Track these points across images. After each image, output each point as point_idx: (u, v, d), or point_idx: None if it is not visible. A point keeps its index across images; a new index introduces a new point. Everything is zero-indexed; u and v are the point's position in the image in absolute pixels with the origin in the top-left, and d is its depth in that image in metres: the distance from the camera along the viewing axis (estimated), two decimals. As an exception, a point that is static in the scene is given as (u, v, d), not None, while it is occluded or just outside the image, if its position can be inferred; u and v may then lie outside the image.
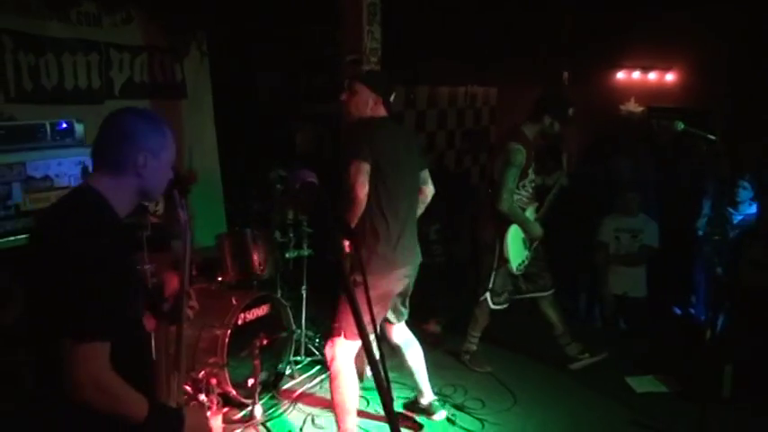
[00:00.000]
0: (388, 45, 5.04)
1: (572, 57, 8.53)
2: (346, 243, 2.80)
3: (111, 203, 2.07)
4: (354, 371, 3.98)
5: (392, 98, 3.93)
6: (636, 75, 8.42)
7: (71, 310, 1.88)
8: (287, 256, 5.41)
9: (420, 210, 4.18)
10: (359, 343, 3.80)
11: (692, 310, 6.40)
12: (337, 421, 3.98)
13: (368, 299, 1.84)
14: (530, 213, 5.13)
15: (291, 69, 7.79)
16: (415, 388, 4.55)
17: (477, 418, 4.60)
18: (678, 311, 6.50)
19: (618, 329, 6.26)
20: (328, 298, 5.45)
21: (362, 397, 4.88)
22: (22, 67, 4.71)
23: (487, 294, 5.17)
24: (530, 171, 5.00)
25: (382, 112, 3.86)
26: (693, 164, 6.96)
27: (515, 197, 4.93)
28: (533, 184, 5.13)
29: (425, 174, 4.13)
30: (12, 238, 3.10)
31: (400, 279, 3.97)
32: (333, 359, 3.93)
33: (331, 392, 3.99)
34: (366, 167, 3.63)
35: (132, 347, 2.09)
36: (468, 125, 9.41)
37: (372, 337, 1.68)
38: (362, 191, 3.63)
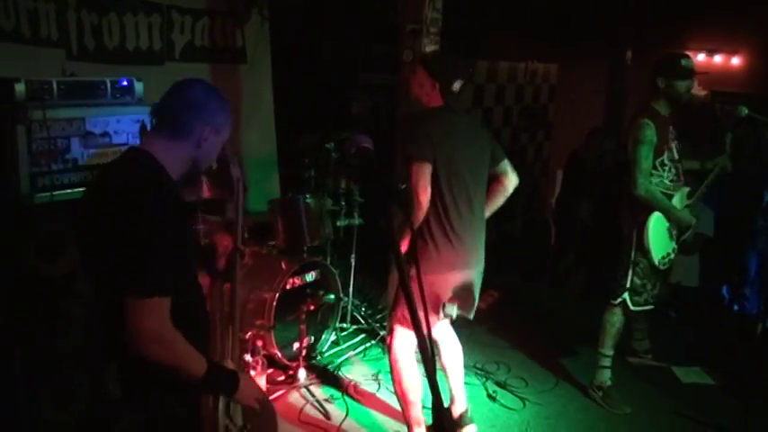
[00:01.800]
0: (450, 16, 4.97)
1: (636, 36, 8.33)
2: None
3: (165, 166, 2.11)
4: (414, 360, 3.79)
5: (456, 86, 3.63)
6: (701, 57, 8.18)
7: (132, 266, 1.93)
8: (338, 224, 5.44)
9: (500, 201, 3.94)
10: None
11: (745, 303, 6.25)
12: (402, 410, 3.84)
13: (421, 291, 1.78)
14: (678, 199, 4.45)
15: (351, 37, 7.76)
16: (448, 394, 4.15)
17: (519, 397, 4.58)
18: (726, 295, 6.33)
19: (667, 318, 6.14)
20: (377, 268, 5.53)
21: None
22: (85, 25, 4.78)
23: (626, 295, 4.48)
24: (667, 149, 4.34)
25: (437, 100, 3.61)
26: (755, 151, 6.74)
27: (654, 179, 4.32)
28: (678, 165, 4.45)
29: (504, 164, 3.84)
30: (69, 191, 3.16)
31: (457, 283, 3.70)
32: (391, 349, 3.82)
33: (393, 383, 3.87)
34: (427, 168, 3.43)
35: (189, 305, 2.13)
36: (526, 102, 9.28)
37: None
38: (425, 195, 3.43)
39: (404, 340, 3.76)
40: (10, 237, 3.10)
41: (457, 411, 4.10)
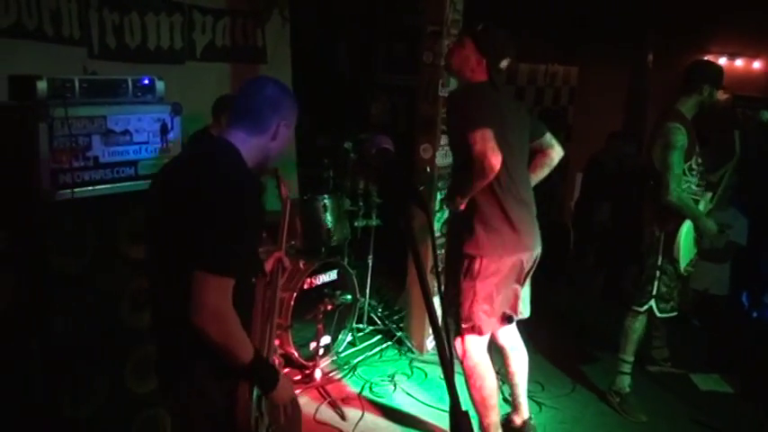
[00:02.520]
0: (470, 18, 4.96)
1: (657, 40, 8.27)
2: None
3: (245, 157, 2.24)
4: (491, 364, 3.68)
5: (504, 64, 3.54)
6: (722, 61, 8.09)
7: (211, 242, 2.04)
8: (356, 224, 5.44)
9: (545, 173, 3.88)
10: (487, 337, 3.65)
11: (765, 310, 6.17)
12: (479, 417, 3.66)
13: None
14: (702, 205, 4.36)
15: (371, 38, 7.76)
16: (511, 402, 4.12)
17: (536, 401, 4.55)
18: (745, 302, 6.25)
19: (688, 325, 6.06)
20: (394, 269, 5.52)
21: (420, 369, 4.92)
22: (107, 24, 4.81)
23: (652, 302, 4.40)
24: (695, 154, 4.28)
25: (482, 76, 3.49)
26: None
27: (683, 185, 4.21)
28: (702, 170, 4.37)
29: (549, 137, 3.79)
30: (90, 188, 3.17)
31: (518, 265, 3.58)
32: (465, 355, 3.63)
33: (468, 389, 3.66)
34: (491, 134, 3.22)
35: (245, 291, 2.23)
36: (546, 104, 9.25)
37: (438, 306, 1.65)
38: (496, 158, 3.21)
39: (477, 343, 3.62)
40: (31, 233, 3.12)
41: (520, 420, 4.05)
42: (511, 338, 3.95)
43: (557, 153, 3.83)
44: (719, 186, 4.57)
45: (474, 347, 3.62)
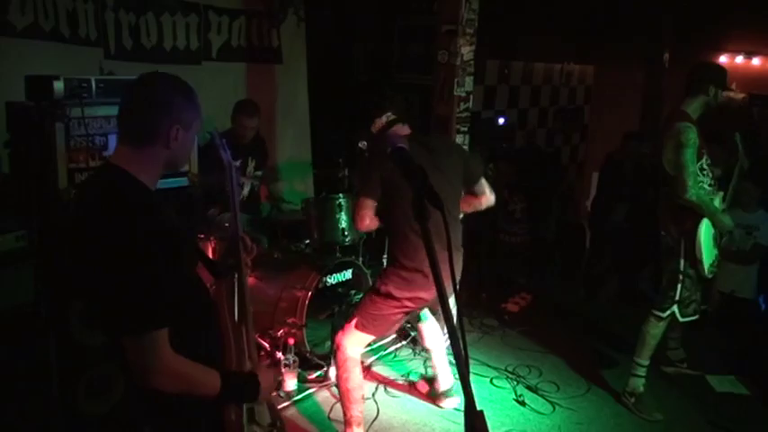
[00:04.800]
0: (486, 17, 4.95)
1: (674, 39, 8.23)
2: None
3: (139, 178, 1.94)
4: (359, 361, 3.86)
5: (383, 119, 3.71)
6: (739, 59, 8.04)
7: (120, 305, 1.81)
8: (370, 223, 5.43)
9: (470, 211, 4.00)
10: (370, 337, 3.82)
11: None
12: (343, 409, 3.86)
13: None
14: (717, 204, 4.32)
15: (386, 38, 7.76)
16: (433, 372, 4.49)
17: (550, 401, 4.53)
18: (762, 304, 6.18)
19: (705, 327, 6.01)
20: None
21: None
22: (123, 25, 4.84)
23: (675, 307, 4.34)
24: (706, 153, 4.28)
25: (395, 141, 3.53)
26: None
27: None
28: (713, 170, 4.38)
29: (482, 184, 3.88)
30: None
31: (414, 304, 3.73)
32: (340, 348, 3.77)
33: (337, 381, 3.89)
34: (371, 203, 3.55)
35: (195, 315, 2.04)
36: (561, 104, 9.21)
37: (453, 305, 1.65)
38: (364, 223, 3.60)
39: (357, 341, 3.78)
40: (48, 232, 3.14)
41: (442, 388, 4.39)
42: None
43: (486, 200, 3.95)
44: (729, 185, 4.55)
45: (350, 344, 3.76)
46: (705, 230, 4.23)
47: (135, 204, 1.87)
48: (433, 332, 4.37)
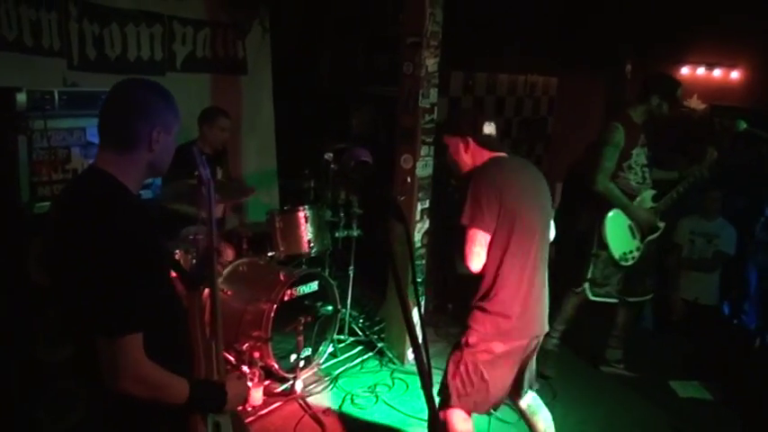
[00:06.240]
0: (450, 29, 5.00)
1: (636, 50, 8.35)
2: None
3: (124, 182, 1.98)
4: None
5: (488, 129, 3.29)
6: (700, 71, 8.18)
7: (98, 306, 1.84)
8: (336, 235, 5.44)
9: None
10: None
11: (744, 317, 6.23)
12: None
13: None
14: (640, 201, 4.80)
15: (352, 49, 7.78)
16: None
17: (515, 410, 4.56)
18: (727, 311, 6.30)
19: (667, 332, 6.11)
20: (375, 279, 5.53)
21: (402, 380, 4.92)
22: (87, 36, 4.80)
23: (586, 285, 4.91)
24: (634, 153, 4.73)
25: (483, 154, 3.24)
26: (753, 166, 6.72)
27: (622, 180, 4.73)
28: (645, 170, 4.81)
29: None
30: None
31: (515, 351, 3.24)
32: (449, 427, 3.23)
33: None
34: (485, 238, 3.07)
35: (168, 323, 2.06)
36: (525, 114, 9.30)
37: (417, 317, 1.67)
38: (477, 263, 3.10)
39: (462, 419, 3.24)
40: (9, 245, 3.10)
41: None
42: (529, 399, 3.59)
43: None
44: (675, 189, 4.86)
45: (457, 423, 3.23)
46: (613, 219, 4.79)
47: (120, 209, 1.91)
48: (543, 420, 3.64)
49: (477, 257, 3.08)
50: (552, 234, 3.43)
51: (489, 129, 3.29)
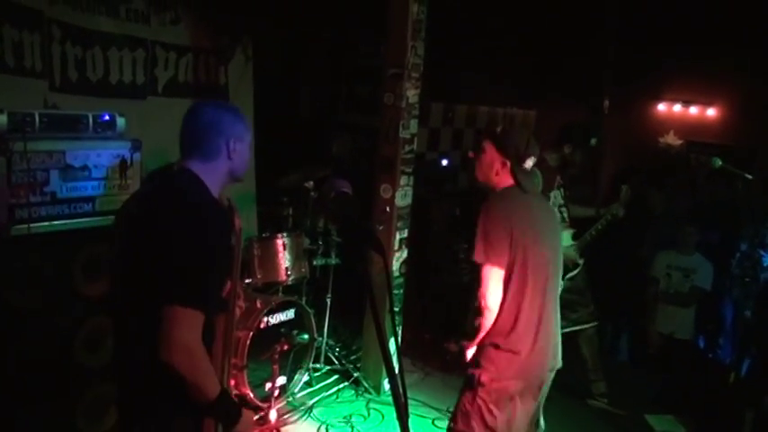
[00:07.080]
0: (431, 61, 5.05)
1: (614, 85, 8.47)
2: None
3: (208, 185, 2.25)
4: None
5: (529, 164, 3.27)
6: (677, 108, 8.30)
7: (182, 275, 2.03)
8: (314, 263, 5.43)
9: None
10: None
11: (719, 352, 6.27)
12: None
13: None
14: (564, 238, 4.64)
15: (334, 78, 7.83)
16: None
17: None
18: (702, 344, 6.34)
19: (643, 366, 6.13)
20: (352, 308, 5.51)
21: (377, 410, 4.89)
22: (69, 58, 4.79)
23: None
24: (552, 195, 4.92)
25: (508, 180, 3.26)
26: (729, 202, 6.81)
27: None
28: (563, 209, 5.02)
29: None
30: (46, 223, 3.15)
31: (530, 388, 3.25)
32: None
33: None
34: (499, 274, 3.10)
35: (209, 327, 2.19)
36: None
37: (394, 347, 1.67)
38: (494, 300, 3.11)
39: None
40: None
41: None
42: None
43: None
44: (594, 227, 5.04)
45: None
46: None
47: (210, 205, 2.21)
48: None
49: (494, 295, 3.09)
50: None
51: (530, 163, 3.29)
